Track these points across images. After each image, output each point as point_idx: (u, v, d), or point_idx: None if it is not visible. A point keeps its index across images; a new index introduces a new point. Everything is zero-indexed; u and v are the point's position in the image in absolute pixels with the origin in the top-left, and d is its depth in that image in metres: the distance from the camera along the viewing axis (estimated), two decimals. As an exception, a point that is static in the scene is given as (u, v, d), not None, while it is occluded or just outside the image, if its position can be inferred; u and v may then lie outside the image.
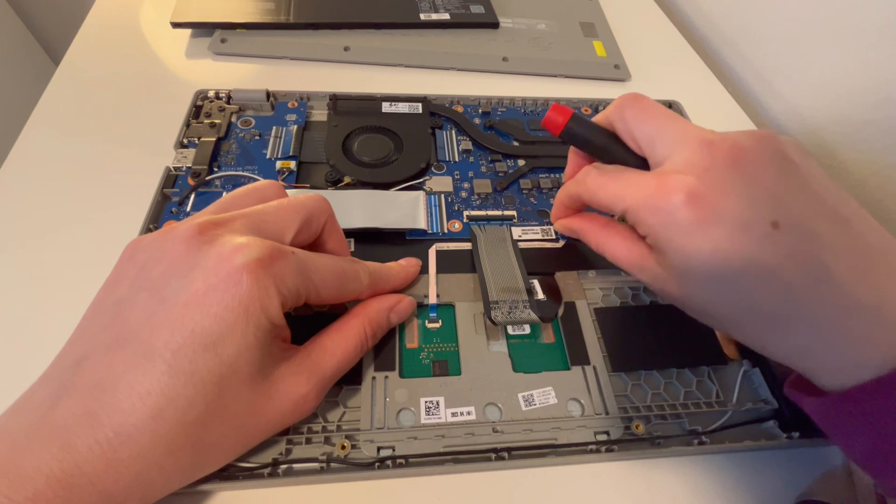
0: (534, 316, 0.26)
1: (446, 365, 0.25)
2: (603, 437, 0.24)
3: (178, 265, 0.18)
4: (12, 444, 0.16)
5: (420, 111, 0.36)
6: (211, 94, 0.36)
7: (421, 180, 0.33)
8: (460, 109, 0.38)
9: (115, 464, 0.16)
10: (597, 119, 0.24)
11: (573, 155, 0.26)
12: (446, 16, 0.46)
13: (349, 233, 0.29)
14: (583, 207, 0.25)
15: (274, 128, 0.34)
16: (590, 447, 0.23)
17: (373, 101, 0.36)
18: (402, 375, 0.24)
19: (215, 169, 0.32)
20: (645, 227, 0.20)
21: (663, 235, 0.19)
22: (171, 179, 0.31)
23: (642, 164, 0.22)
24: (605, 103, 0.39)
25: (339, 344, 0.22)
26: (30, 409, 0.17)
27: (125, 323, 0.18)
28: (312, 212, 0.22)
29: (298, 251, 0.20)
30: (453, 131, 0.36)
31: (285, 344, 0.21)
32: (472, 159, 0.35)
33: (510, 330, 0.27)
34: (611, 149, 0.23)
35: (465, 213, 0.31)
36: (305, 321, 0.25)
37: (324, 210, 0.23)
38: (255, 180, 0.31)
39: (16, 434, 0.16)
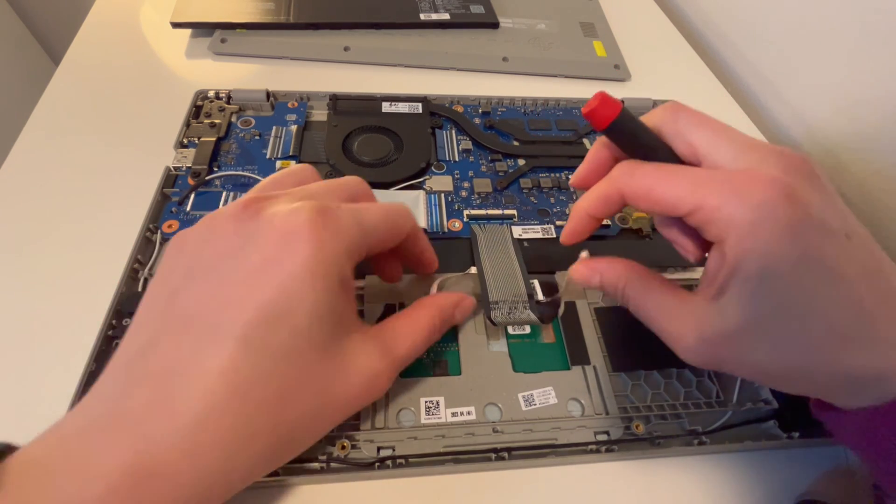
0: (533, 316, 0.26)
1: (446, 365, 0.25)
2: (603, 437, 0.24)
3: (228, 244, 0.18)
4: (82, 441, 0.15)
5: (420, 111, 0.36)
6: (211, 94, 0.36)
7: (421, 180, 0.33)
8: (460, 109, 0.38)
9: (194, 451, 0.15)
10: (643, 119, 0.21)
11: (599, 153, 0.22)
12: (446, 16, 0.46)
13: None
14: (611, 214, 0.21)
15: (274, 128, 0.34)
16: (590, 447, 0.23)
17: (373, 101, 0.36)
18: (402, 375, 0.24)
19: (215, 169, 0.32)
20: (724, 228, 0.17)
21: (749, 236, 0.17)
22: (171, 179, 0.31)
23: None
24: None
25: (410, 328, 0.21)
26: (99, 404, 0.16)
27: (185, 308, 0.17)
28: (358, 193, 0.22)
29: (343, 203, 0.20)
30: (453, 131, 0.36)
31: (355, 316, 0.20)
32: (472, 159, 0.35)
33: (510, 330, 0.26)
34: (659, 148, 0.20)
35: (466, 212, 0.31)
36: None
37: (367, 193, 0.22)
38: (256, 180, 0.31)
39: (86, 429, 0.15)
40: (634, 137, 0.20)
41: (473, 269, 0.28)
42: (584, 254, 0.23)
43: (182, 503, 0.15)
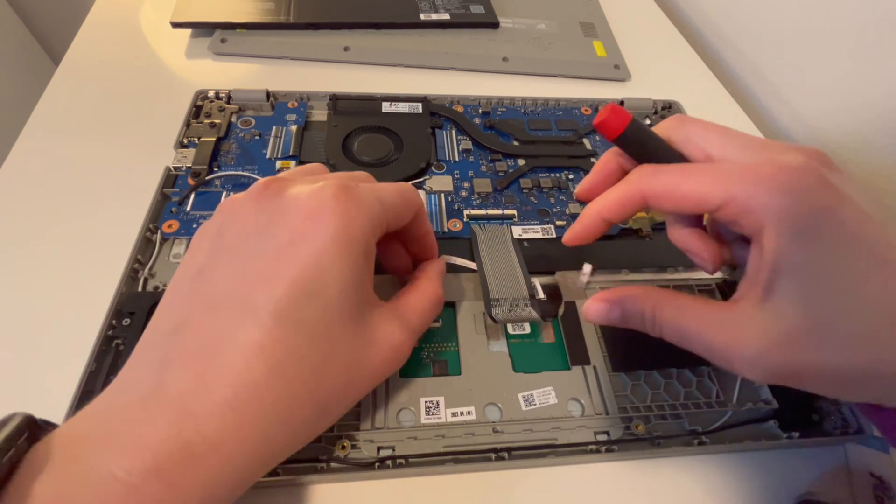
0: (534, 314, 0.26)
1: (446, 365, 0.25)
2: (603, 437, 0.24)
3: (253, 222, 0.18)
4: (125, 418, 0.15)
5: (420, 111, 0.36)
6: (211, 94, 0.36)
7: (421, 180, 0.33)
8: (460, 109, 0.38)
9: (237, 426, 0.15)
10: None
11: (608, 164, 0.22)
12: (446, 16, 0.46)
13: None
14: (625, 218, 0.20)
15: (274, 128, 0.34)
16: (590, 447, 0.23)
17: (373, 101, 0.36)
18: (401, 375, 0.24)
19: (215, 169, 0.32)
20: (761, 215, 0.16)
21: (789, 221, 0.16)
22: (171, 179, 0.31)
23: None
24: (605, 103, 0.39)
25: (421, 300, 0.22)
26: (135, 385, 0.16)
27: (214, 286, 0.17)
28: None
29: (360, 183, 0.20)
30: (453, 131, 0.36)
31: (373, 291, 0.20)
32: (472, 159, 0.35)
33: (510, 330, 0.26)
34: (671, 155, 0.20)
35: (466, 212, 0.31)
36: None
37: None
38: (256, 180, 0.31)
39: (127, 407, 0.15)
40: (646, 145, 0.20)
41: (472, 264, 0.28)
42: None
43: (228, 476, 0.15)
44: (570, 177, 0.34)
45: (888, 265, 0.16)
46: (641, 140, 0.20)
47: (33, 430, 0.15)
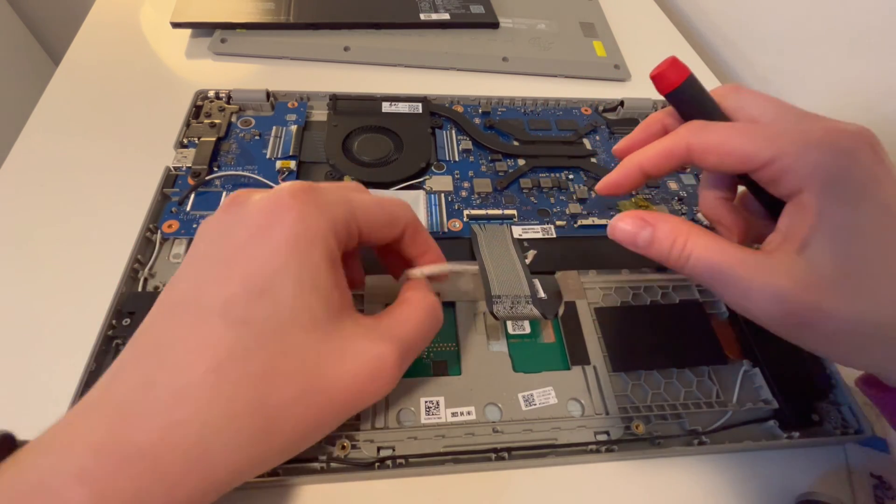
0: (536, 312, 0.26)
1: (446, 365, 0.25)
2: (603, 437, 0.24)
3: (217, 231, 0.18)
4: (67, 422, 0.15)
5: (420, 111, 0.36)
6: (211, 94, 0.36)
7: (421, 180, 0.33)
8: (460, 109, 0.38)
9: (170, 428, 0.14)
10: None
11: (652, 126, 0.22)
12: (446, 16, 0.46)
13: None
14: (666, 172, 0.20)
15: (274, 128, 0.34)
16: (590, 447, 0.23)
17: (373, 101, 0.36)
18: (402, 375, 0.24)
19: (215, 169, 0.32)
20: (808, 175, 0.17)
21: (837, 182, 0.16)
22: (171, 179, 0.31)
23: None
24: (604, 103, 0.39)
25: (410, 310, 0.20)
26: (93, 390, 0.16)
27: (177, 293, 0.17)
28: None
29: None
30: (453, 131, 0.36)
31: (347, 301, 0.19)
32: (472, 159, 0.35)
33: (510, 329, 0.26)
34: (721, 118, 0.20)
35: (466, 212, 0.31)
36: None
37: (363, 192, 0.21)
38: (256, 180, 0.31)
39: (74, 412, 0.15)
40: (699, 104, 0.20)
41: (474, 267, 0.27)
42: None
43: (157, 488, 0.14)
44: (570, 177, 0.34)
45: None
46: (695, 97, 0.20)
47: (8, 444, 0.15)
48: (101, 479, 0.14)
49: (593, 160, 0.35)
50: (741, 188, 0.22)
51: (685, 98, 0.20)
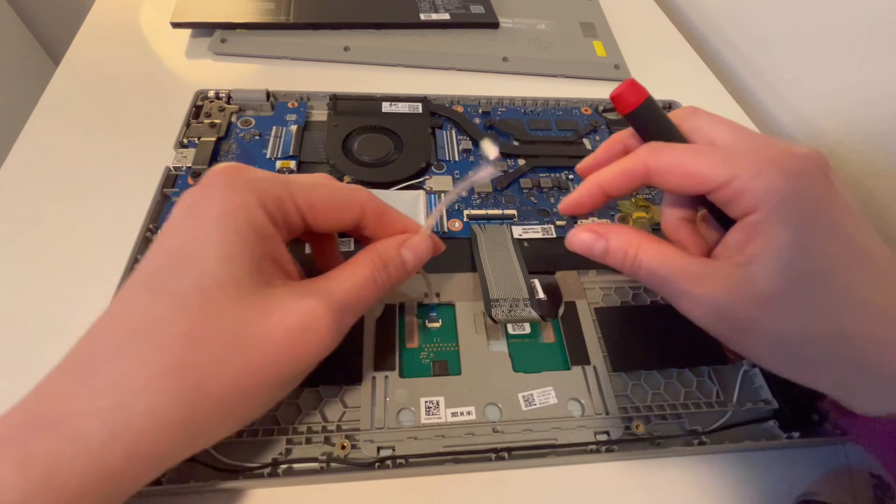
0: (534, 314, 0.26)
1: (446, 365, 0.25)
2: (603, 437, 0.24)
3: (168, 217, 0.19)
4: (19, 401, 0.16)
5: (420, 111, 0.36)
6: (211, 94, 0.36)
7: (421, 180, 0.33)
8: (460, 109, 0.38)
9: (90, 395, 0.15)
10: None
11: (614, 147, 0.22)
12: (446, 16, 0.46)
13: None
14: (625, 192, 0.21)
15: (274, 128, 0.34)
16: (590, 447, 0.23)
17: (373, 101, 0.36)
18: (402, 375, 0.24)
19: (215, 169, 0.31)
20: (760, 196, 0.17)
21: (787, 204, 0.17)
22: (171, 179, 0.31)
23: None
24: (604, 103, 0.39)
25: (343, 271, 0.20)
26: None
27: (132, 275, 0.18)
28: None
29: None
30: (453, 131, 0.36)
31: (282, 272, 0.19)
32: (472, 159, 0.35)
33: (510, 330, 0.26)
34: (678, 139, 0.20)
35: (466, 212, 0.31)
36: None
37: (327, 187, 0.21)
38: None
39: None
40: (657, 125, 0.21)
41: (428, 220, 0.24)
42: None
43: (78, 453, 0.14)
44: (570, 177, 0.34)
45: (875, 261, 0.17)
46: (654, 119, 0.21)
47: None
48: (22, 443, 0.14)
49: (593, 160, 0.35)
50: (703, 210, 0.22)
51: (643, 119, 0.21)
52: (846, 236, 0.17)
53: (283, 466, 0.21)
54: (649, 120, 0.21)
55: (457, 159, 0.35)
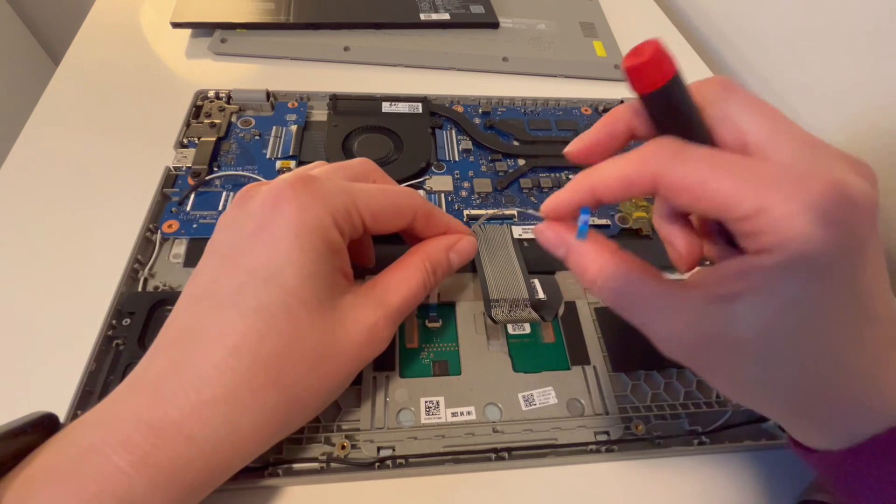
0: (534, 314, 0.26)
1: (446, 365, 0.25)
2: (603, 437, 0.24)
3: (230, 224, 0.20)
4: (112, 399, 0.17)
5: (420, 111, 0.36)
6: (211, 94, 0.36)
7: (421, 180, 0.33)
8: (460, 109, 0.38)
9: (200, 406, 0.16)
10: None
11: (616, 124, 0.18)
12: (446, 16, 0.46)
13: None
14: (622, 201, 0.19)
15: (274, 128, 0.34)
16: (590, 447, 0.23)
17: (373, 101, 0.36)
18: (402, 375, 0.24)
19: (215, 169, 0.32)
20: (785, 242, 0.14)
21: (810, 259, 0.13)
22: (171, 179, 0.31)
23: None
24: (605, 103, 0.40)
25: (399, 278, 0.22)
26: (129, 376, 0.18)
27: (196, 285, 0.19)
28: (365, 172, 0.23)
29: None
30: (453, 131, 0.36)
31: (348, 280, 0.21)
32: (472, 159, 0.35)
33: (510, 330, 0.26)
34: (698, 131, 0.16)
35: (466, 212, 0.31)
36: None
37: (375, 170, 0.23)
38: (256, 180, 0.31)
39: (114, 396, 0.17)
40: (678, 113, 0.16)
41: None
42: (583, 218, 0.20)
43: (194, 459, 0.16)
44: (570, 177, 0.34)
45: (873, 321, 0.15)
46: (676, 106, 0.16)
47: (50, 424, 0.17)
48: (142, 447, 0.16)
49: (593, 160, 0.35)
50: None
51: (664, 105, 0.16)
52: (859, 303, 0.15)
53: (283, 466, 0.21)
54: (670, 108, 0.16)
55: (457, 159, 0.35)
